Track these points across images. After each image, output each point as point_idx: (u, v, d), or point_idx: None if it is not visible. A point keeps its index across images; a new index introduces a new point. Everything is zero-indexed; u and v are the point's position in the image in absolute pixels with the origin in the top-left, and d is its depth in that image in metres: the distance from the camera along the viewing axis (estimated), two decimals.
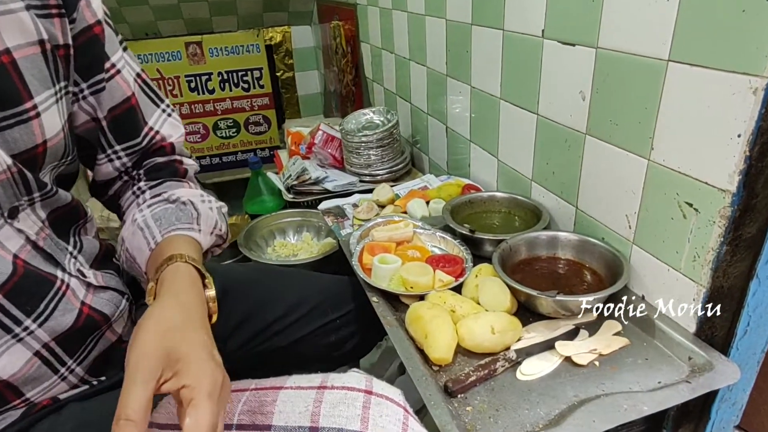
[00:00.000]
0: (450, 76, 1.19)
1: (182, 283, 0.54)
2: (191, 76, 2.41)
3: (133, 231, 0.65)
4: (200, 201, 0.69)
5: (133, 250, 0.64)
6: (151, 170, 0.72)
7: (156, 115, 0.71)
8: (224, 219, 0.72)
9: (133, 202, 0.70)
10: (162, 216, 0.66)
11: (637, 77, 0.67)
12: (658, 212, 0.68)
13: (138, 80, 0.69)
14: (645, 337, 0.69)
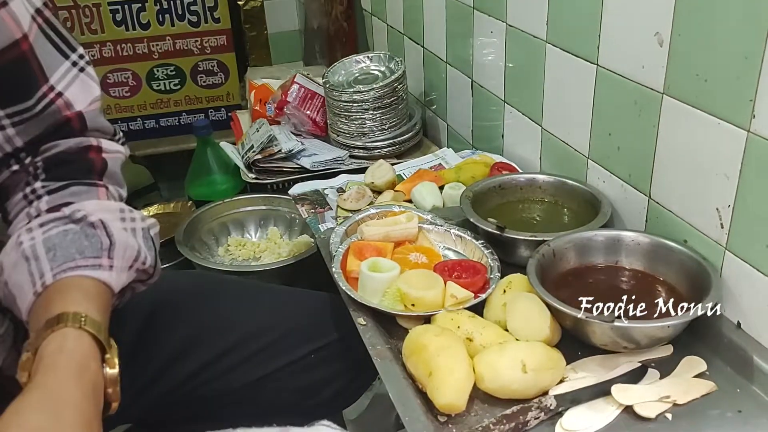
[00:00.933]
0: (478, 9, 1.20)
1: (64, 371, 0.55)
2: (116, 4, 2.42)
3: (15, 261, 0.65)
4: (118, 221, 0.69)
5: (13, 286, 0.64)
6: (53, 164, 0.72)
7: (62, 70, 0.71)
8: (153, 245, 0.72)
9: (23, 210, 0.70)
10: (58, 244, 0.65)
11: (732, 13, 0.67)
12: (760, 205, 0.68)
13: (38, 18, 0.69)
14: (739, 381, 0.69)
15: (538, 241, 0.83)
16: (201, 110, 2.62)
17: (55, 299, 0.61)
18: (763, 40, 0.64)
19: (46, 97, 0.70)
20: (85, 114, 0.73)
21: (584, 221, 0.88)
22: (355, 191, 1.13)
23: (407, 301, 0.78)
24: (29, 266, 0.64)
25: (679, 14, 0.74)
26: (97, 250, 0.65)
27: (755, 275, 0.70)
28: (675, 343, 0.73)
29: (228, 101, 2.63)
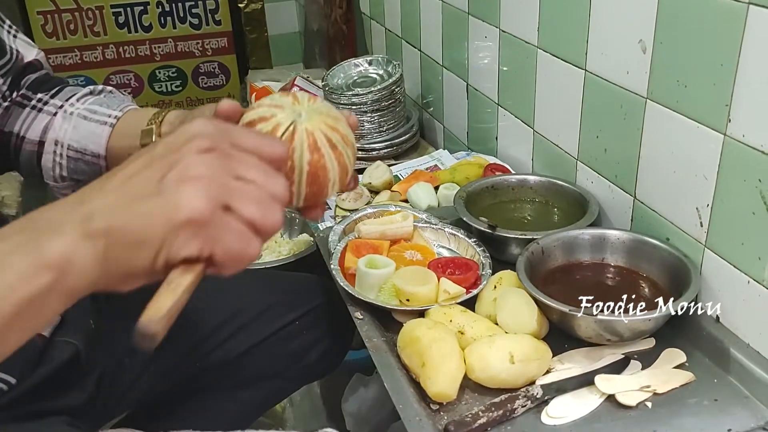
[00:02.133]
0: (473, 14, 1.23)
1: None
2: (119, 7, 2.45)
3: (74, 124, 0.78)
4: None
5: (80, 140, 0.77)
6: (36, 84, 0.83)
7: (4, 34, 0.81)
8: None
9: (41, 111, 0.81)
10: (102, 102, 0.80)
11: (710, 23, 0.70)
12: (736, 205, 0.72)
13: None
14: (716, 372, 0.73)
15: (527, 239, 0.86)
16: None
17: (138, 114, 0.78)
18: (737, 49, 0.67)
19: (12, 50, 0.80)
20: (41, 60, 0.84)
21: (573, 220, 0.92)
22: (353, 191, 1.16)
23: (402, 297, 0.81)
24: (92, 118, 0.78)
25: (660, 23, 0.78)
26: (131, 101, 0.82)
27: (732, 271, 0.74)
28: (657, 336, 0.77)
29: None
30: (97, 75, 2.52)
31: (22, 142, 0.81)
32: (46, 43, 2.42)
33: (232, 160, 0.45)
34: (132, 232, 0.42)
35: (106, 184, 0.45)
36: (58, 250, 0.41)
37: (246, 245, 0.44)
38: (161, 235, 0.42)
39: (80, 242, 0.42)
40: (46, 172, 0.80)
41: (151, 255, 0.43)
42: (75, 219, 0.43)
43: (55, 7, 2.40)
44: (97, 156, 0.78)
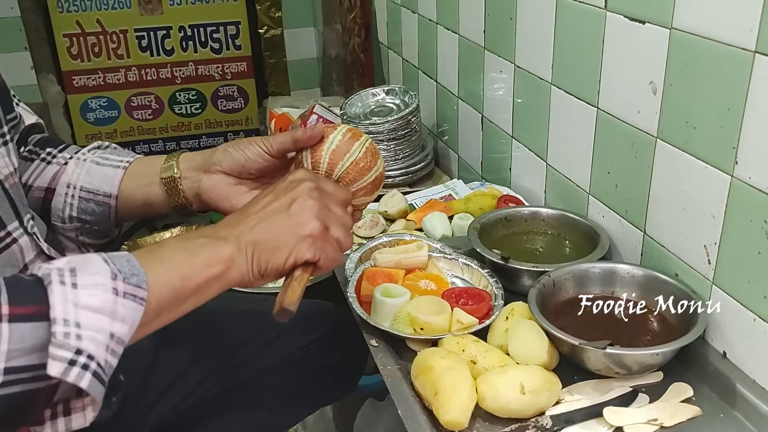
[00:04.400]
0: (489, 49, 1.27)
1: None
2: (142, 31, 2.51)
3: (87, 169, 0.84)
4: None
5: (93, 182, 0.83)
6: (43, 142, 0.88)
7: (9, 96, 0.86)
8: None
9: (50, 163, 0.86)
10: (113, 152, 0.87)
11: (718, 69, 0.73)
12: (743, 244, 0.74)
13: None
14: (723, 407, 0.74)
15: (539, 272, 0.88)
16: (220, 134, 2.70)
17: (148, 160, 0.86)
18: (744, 94, 0.70)
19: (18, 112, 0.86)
20: (41, 124, 0.90)
21: (584, 253, 0.94)
22: (369, 219, 1.19)
23: (416, 325, 0.83)
24: (105, 163, 0.85)
25: (671, 67, 0.80)
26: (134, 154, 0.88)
27: (739, 308, 0.76)
28: (665, 370, 0.78)
29: (247, 125, 2.71)
30: (119, 96, 2.57)
31: (30, 190, 0.84)
32: (71, 65, 2.49)
33: (327, 198, 0.70)
34: (272, 241, 0.64)
35: (247, 212, 0.67)
36: (227, 251, 0.62)
37: (338, 255, 0.69)
38: (292, 244, 0.65)
39: (239, 250, 0.63)
40: (55, 213, 0.84)
41: (284, 257, 0.65)
42: (233, 235, 0.64)
43: (81, 30, 2.46)
44: (108, 195, 0.83)
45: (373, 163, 0.79)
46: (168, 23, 2.52)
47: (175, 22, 2.53)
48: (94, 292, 0.51)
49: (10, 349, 0.47)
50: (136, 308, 0.53)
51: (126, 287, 0.53)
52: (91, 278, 0.52)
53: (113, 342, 0.51)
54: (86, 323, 0.50)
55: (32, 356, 0.48)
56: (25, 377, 0.48)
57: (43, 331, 0.49)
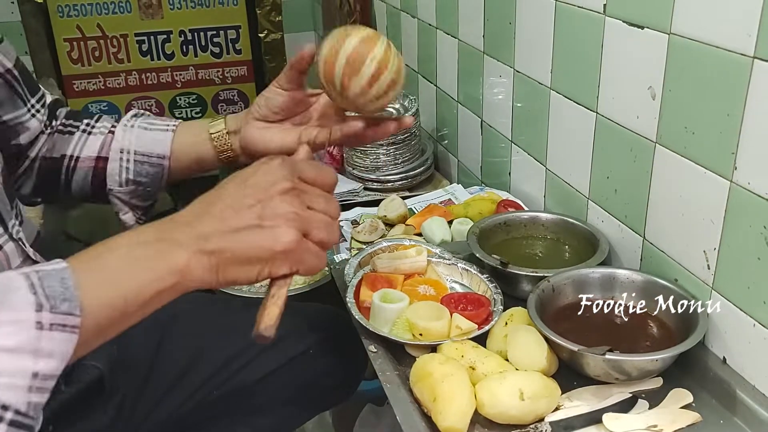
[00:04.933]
0: (488, 54, 1.27)
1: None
2: (143, 35, 2.52)
3: (136, 134, 0.89)
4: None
5: (145, 146, 0.88)
6: (74, 114, 0.93)
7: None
8: None
9: (91, 134, 0.90)
10: (155, 118, 0.92)
11: (717, 75, 0.73)
12: (742, 249, 0.74)
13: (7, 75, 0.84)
14: (723, 413, 0.74)
15: (538, 277, 0.88)
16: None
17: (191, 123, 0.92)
18: (743, 100, 0.70)
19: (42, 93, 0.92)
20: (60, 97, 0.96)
21: (584, 258, 0.94)
22: (369, 224, 1.19)
23: (415, 331, 0.83)
24: (152, 128, 0.90)
25: (669, 72, 0.80)
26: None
27: (738, 314, 0.76)
28: (664, 376, 0.78)
29: None
30: (119, 101, 2.58)
31: (77, 162, 0.90)
32: (72, 69, 2.49)
33: (305, 195, 0.62)
34: (240, 254, 0.57)
35: (209, 210, 0.59)
36: (182, 260, 0.55)
37: (319, 261, 0.63)
38: (264, 259, 0.58)
39: (196, 256, 0.56)
40: (112, 178, 0.89)
41: (254, 272, 0.59)
42: (191, 238, 0.56)
43: (81, 34, 2.47)
44: (162, 157, 0.89)
45: (366, 48, 0.72)
46: (168, 27, 2.53)
47: (175, 27, 2.53)
48: (11, 330, 0.46)
49: None
50: (66, 338, 0.49)
51: (54, 317, 0.48)
52: (11, 314, 0.47)
53: (38, 381, 0.47)
54: (2, 369, 0.46)
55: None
56: None
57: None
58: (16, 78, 0.83)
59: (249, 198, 0.60)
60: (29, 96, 0.86)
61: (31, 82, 0.87)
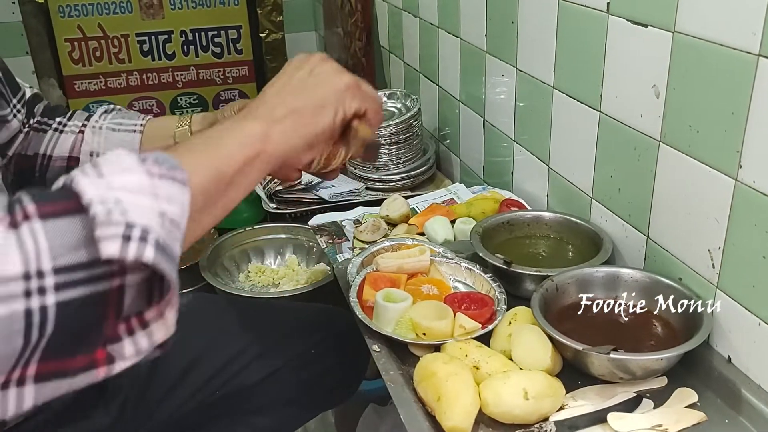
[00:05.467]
0: (490, 53, 1.26)
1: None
2: (144, 35, 2.52)
3: (105, 136, 0.90)
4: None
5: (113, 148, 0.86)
6: (49, 111, 0.94)
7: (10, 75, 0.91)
8: None
9: (62, 132, 0.91)
10: (123, 116, 0.93)
11: (722, 73, 0.73)
12: (747, 248, 0.73)
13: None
14: (728, 413, 0.74)
15: (542, 276, 0.88)
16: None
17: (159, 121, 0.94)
18: (748, 98, 0.70)
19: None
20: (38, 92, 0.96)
21: (587, 257, 0.94)
22: (371, 224, 1.19)
23: (419, 330, 0.83)
24: (120, 129, 0.90)
25: (674, 70, 0.80)
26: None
27: (743, 313, 0.75)
28: (669, 375, 0.78)
29: None
30: (120, 101, 2.57)
31: (50, 161, 0.90)
32: (72, 69, 2.49)
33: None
34: (312, 103, 0.61)
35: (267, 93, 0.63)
36: (258, 128, 0.57)
37: (379, 106, 0.69)
38: (334, 99, 0.62)
39: (271, 125, 0.58)
40: None
41: (331, 114, 0.62)
42: (262, 113, 0.59)
43: (82, 35, 2.47)
44: None
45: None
46: (169, 27, 2.52)
47: (176, 27, 2.53)
48: (126, 176, 0.44)
49: (52, 246, 0.40)
50: (179, 190, 0.46)
51: (160, 170, 0.46)
52: (117, 166, 0.44)
53: (166, 221, 0.44)
54: (127, 201, 0.42)
55: (80, 252, 0.41)
56: (81, 277, 0.41)
57: (81, 225, 0.42)
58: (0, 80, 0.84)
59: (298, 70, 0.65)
60: (11, 96, 0.87)
61: (12, 82, 0.88)
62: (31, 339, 0.40)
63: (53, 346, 0.41)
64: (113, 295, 0.43)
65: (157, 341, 0.45)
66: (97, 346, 0.44)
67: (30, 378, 0.41)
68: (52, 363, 0.42)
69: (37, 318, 0.40)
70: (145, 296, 0.45)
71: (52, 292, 0.40)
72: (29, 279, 0.39)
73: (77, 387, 0.44)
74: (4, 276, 0.39)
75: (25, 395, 0.41)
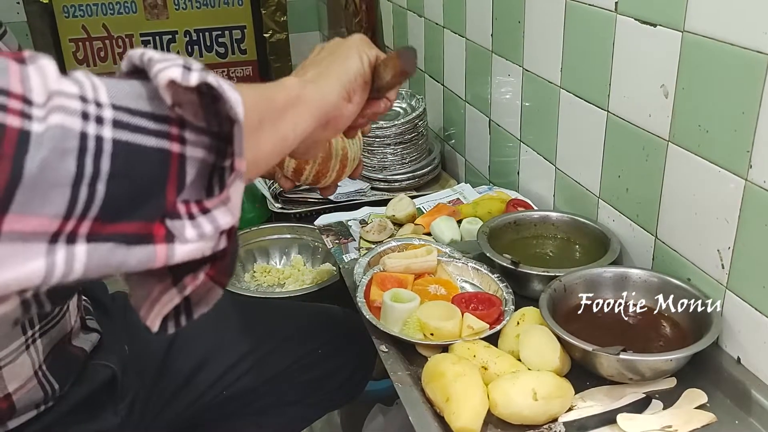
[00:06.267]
0: (496, 53, 1.26)
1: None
2: (148, 35, 2.52)
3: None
4: None
5: None
6: None
7: None
8: None
9: None
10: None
11: (732, 72, 0.73)
12: (757, 249, 0.73)
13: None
14: (737, 413, 0.74)
15: (550, 276, 0.88)
16: None
17: None
18: (758, 98, 0.69)
19: None
20: None
21: (595, 258, 0.93)
22: (377, 224, 1.18)
23: (426, 331, 0.83)
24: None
25: (683, 69, 0.80)
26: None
27: (753, 314, 0.75)
28: (678, 376, 0.77)
29: None
30: None
31: None
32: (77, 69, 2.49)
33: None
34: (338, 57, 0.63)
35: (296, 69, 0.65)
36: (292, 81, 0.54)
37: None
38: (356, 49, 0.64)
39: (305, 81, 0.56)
40: None
41: (357, 58, 0.63)
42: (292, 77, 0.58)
43: (87, 35, 2.47)
44: None
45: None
46: (174, 28, 2.53)
47: (180, 27, 2.53)
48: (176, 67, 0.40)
49: (110, 88, 0.38)
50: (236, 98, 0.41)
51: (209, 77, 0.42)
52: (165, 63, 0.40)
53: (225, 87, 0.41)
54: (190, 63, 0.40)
55: (139, 102, 0.39)
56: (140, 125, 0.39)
57: (140, 85, 0.40)
58: None
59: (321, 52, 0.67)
60: None
61: None
62: (85, 169, 0.36)
63: (111, 197, 0.37)
64: (174, 161, 0.40)
65: (222, 226, 0.42)
66: (156, 217, 0.40)
67: (83, 236, 0.37)
68: (108, 225, 0.38)
69: (93, 144, 0.36)
70: (205, 186, 0.42)
71: (109, 125, 0.37)
72: (86, 102, 0.37)
73: (132, 264, 0.40)
74: (58, 90, 0.36)
75: (76, 255, 0.37)
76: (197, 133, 0.41)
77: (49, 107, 0.36)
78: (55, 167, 0.35)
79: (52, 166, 0.35)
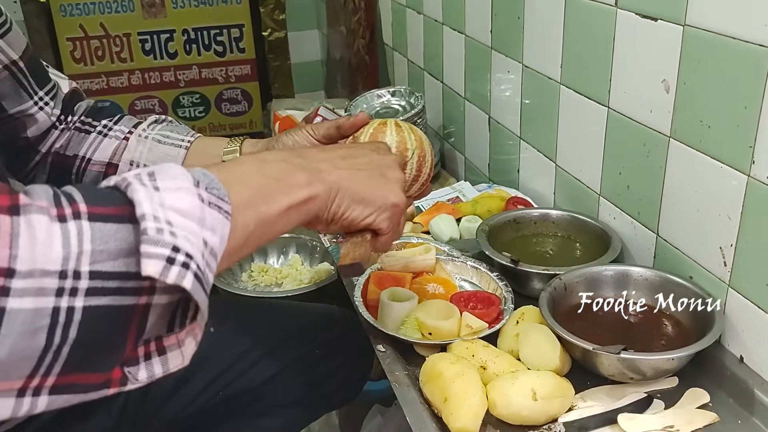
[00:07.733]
0: (496, 49, 1.25)
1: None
2: (146, 34, 2.51)
3: (149, 147, 0.88)
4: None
5: (156, 161, 0.86)
6: (95, 112, 0.92)
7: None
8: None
9: (106, 136, 0.89)
10: (173, 129, 0.90)
11: (734, 67, 0.72)
12: (760, 246, 0.72)
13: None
14: (740, 413, 0.73)
15: (550, 275, 0.87)
16: (224, 137, 2.68)
17: (208, 140, 0.90)
18: (761, 91, 0.69)
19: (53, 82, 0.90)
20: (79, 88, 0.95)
21: (595, 256, 0.92)
22: None
23: (425, 330, 0.82)
24: (166, 142, 0.88)
25: (684, 64, 0.79)
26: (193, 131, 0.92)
27: (756, 312, 0.74)
28: (680, 375, 0.77)
29: (251, 128, 2.70)
30: (122, 100, 2.57)
31: (88, 164, 0.89)
32: (74, 68, 2.48)
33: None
34: (360, 194, 0.61)
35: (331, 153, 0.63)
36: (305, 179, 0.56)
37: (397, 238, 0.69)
38: (377, 206, 0.62)
39: (321, 184, 0.57)
40: None
41: (363, 215, 0.62)
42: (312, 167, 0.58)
43: (84, 34, 2.46)
44: None
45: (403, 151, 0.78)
46: (171, 26, 2.52)
47: (178, 26, 2.52)
48: (180, 195, 0.44)
49: (94, 250, 0.40)
50: (223, 221, 0.46)
51: (210, 197, 0.46)
52: (173, 182, 0.44)
53: (207, 251, 0.44)
54: (177, 223, 0.42)
55: (118, 262, 0.41)
56: (112, 287, 0.41)
57: (128, 234, 0.42)
58: (21, 70, 0.83)
59: (368, 154, 0.65)
60: (36, 88, 0.86)
61: (39, 74, 0.86)
62: (53, 340, 0.39)
63: (75, 357, 0.40)
64: (138, 312, 0.42)
65: (170, 370, 0.46)
66: (116, 365, 0.43)
67: (46, 389, 0.41)
68: (72, 376, 0.41)
69: (63, 318, 0.39)
70: (167, 322, 0.45)
71: (82, 295, 0.40)
72: (65, 278, 0.39)
73: (86, 400, 0.44)
74: (41, 269, 0.38)
75: (38, 404, 0.41)
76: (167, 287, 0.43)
77: (27, 285, 0.38)
78: (24, 348, 0.38)
79: (20, 347, 0.38)
